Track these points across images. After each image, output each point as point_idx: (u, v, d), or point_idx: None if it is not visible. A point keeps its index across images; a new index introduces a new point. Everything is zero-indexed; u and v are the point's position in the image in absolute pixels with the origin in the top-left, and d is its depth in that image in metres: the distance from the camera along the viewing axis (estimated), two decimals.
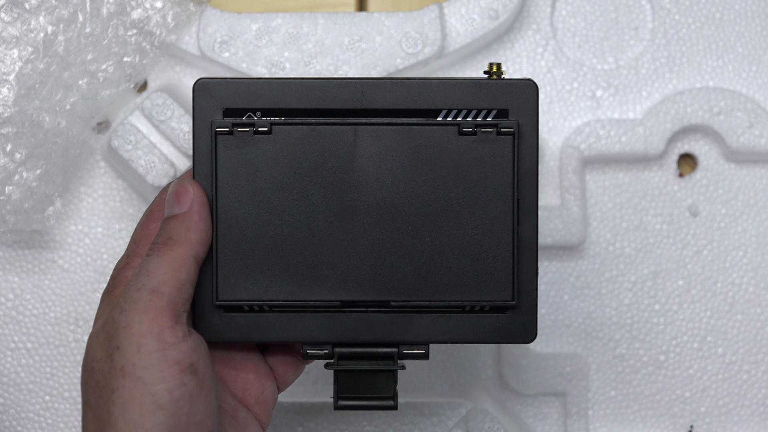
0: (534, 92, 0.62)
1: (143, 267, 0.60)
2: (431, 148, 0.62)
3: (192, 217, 0.61)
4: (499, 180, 0.62)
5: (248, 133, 0.62)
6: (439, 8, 0.81)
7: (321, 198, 0.62)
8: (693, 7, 0.84)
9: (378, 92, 0.62)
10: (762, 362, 0.83)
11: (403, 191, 0.62)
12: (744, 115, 0.82)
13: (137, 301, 0.58)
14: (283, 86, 0.62)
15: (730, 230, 0.83)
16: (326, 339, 0.62)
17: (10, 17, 0.79)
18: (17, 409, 0.82)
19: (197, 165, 0.62)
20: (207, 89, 0.62)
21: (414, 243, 0.62)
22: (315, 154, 0.62)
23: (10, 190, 0.79)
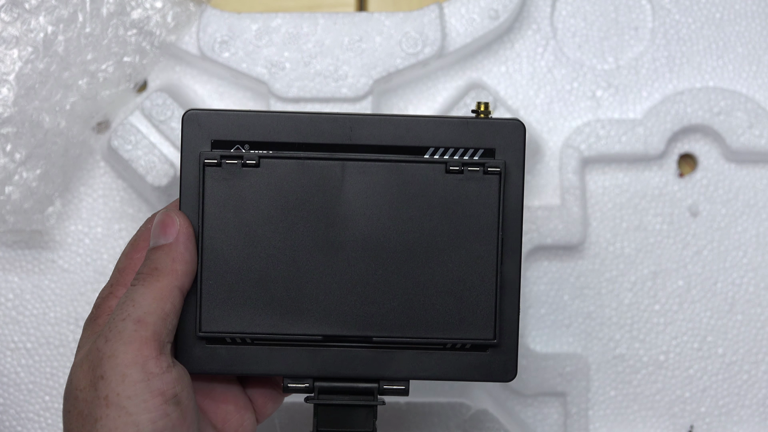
0: (521, 132, 0.62)
1: (128, 297, 0.60)
2: (418, 185, 0.62)
3: (178, 248, 0.61)
4: (484, 219, 0.62)
5: (236, 166, 0.62)
6: (439, 8, 0.81)
7: (307, 232, 0.62)
8: (693, 7, 0.84)
9: (366, 128, 0.62)
10: (762, 362, 0.83)
11: (388, 227, 0.62)
12: (744, 115, 0.82)
13: (122, 331, 0.59)
14: (272, 120, 0.62)
15: (730, 230, 0.83)
16: (307, 373, 0.62)
17: (10, 17, 0.79)
18: (17, 409, 0.82)
19: (184, 196, 0.62)
20: (196, 120, 0.62)
21: (398, 279, 0.62)
22: (302, 188, 0.62)
23: (10, 190, 0.79)
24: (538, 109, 0.83)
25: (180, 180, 0.62)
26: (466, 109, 0.80)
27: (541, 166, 0.83)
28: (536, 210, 0.81)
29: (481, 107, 0.63)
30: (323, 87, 0.80)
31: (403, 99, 0.83)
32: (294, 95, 0.80)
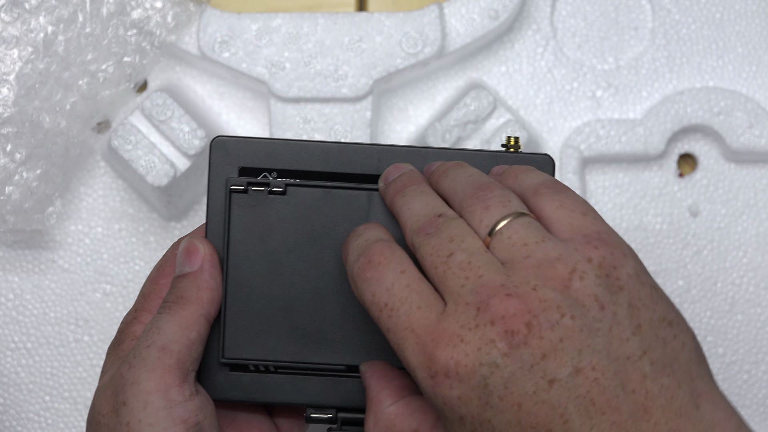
0: (551, 167, 0.62)
1: (154, 324, 0.60)
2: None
3: (203, 276, 0.61)
4: None
5: (263, 193, 0.62)
6: (439, 8, 0.81)
7: (332, 261, 0.62)
8: (693, 7, 0.84)
9: (394, 159, 0.62)
10: (762, 362, 0.83)
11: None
12: (744, 115, 0.82)
13: (146, 358, 0.59)
14: (300, 148, 0.62)
15: (730, 230, 0.83)
16: (330, 403, 0.62)
17: (10, 17, 0.79)
18: (17, 409, 0.82)
19: (210, 222, 0.62)
20: (224, 147, 0.62)
21: None
22: (328, 217, 0.62)
23: (10, 190, 0.79)
24: (538, 109, 0.83)
25: (207, 206, 0.62)
26: (466, 109, 0.80)
27: None
28: None
29: (511, 141, 0.63)
30: (323, 87, 0.80)
31: (403, 99, 0.83)
32: (294, 95, 0.80)
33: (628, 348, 0.53)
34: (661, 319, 0.54)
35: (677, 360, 0.53)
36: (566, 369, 0.52)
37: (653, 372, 0.53)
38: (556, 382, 0.52)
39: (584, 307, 0.52)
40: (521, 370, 0.52)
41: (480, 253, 0.54)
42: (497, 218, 0.55)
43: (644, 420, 0.52)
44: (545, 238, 0.54)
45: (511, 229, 0.55)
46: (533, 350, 0.52)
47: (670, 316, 0.55)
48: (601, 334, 0.52)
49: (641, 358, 0.53)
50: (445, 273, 0.54)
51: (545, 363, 0.52)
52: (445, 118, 0.80)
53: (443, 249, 0.55)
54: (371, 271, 0.56)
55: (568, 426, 0.51)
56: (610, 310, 0.53)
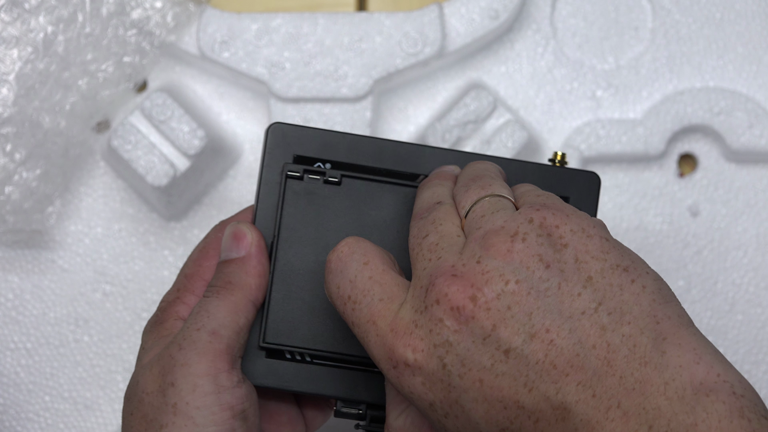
0: (596, 184, 0.63)
1: (203, 308, 0.60)
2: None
3: (251, 262, 0.61)
4: None
5: (318, 181, 0.62)
6: (439, 8, 0.81)
7: None
8: (693, 7, 0.84)
9: (446, 161, 0.63)
10: (762, 362, 0.83)
11: None
12: (744, 115, 0.82)
13: (197, 341, 0.58)
14: (355, 142, 0.63)
15: (730, 230, 0.83)
16: (362, 398, 0.62)
17: (10, 17, 0.79)
18: (17, 410, 0.82)
19: (260, 206, 0.62)
20: (281, 133, 0.63)
21: None
22: (381, 210, 0.62)
23: (10, 190, 0.79)
24: (538, 109, 0.83)
25: (258, 189, 0.63)
26: (466, 109, 0.80)
27: None
28: None
29: (557, 156, 0.64)
30: (323, 87, 0.80)
31: (403, 99, 0.83)
32: (294, 95, 0.80)
33: (580, 302, 0.51)
34: (614, 267, 0.52)
35: (639, 304, 0.52)
36: (519, 336, 0.51)
37: (611, 322, 0.51)
38: (512, 351, 0.51)
39: (529, 269, 0.52)
40: (474, 345, 0.51)
41: (450, 235, 0.54)
42: (474, 200, 0.55)
43: (609, 375, 0.50)
44: (499, 210, 0.54)
45: (478, 206, 0.55)
46: (482, 322, 0.51)
47: (625, 263, 0.53)
48: (550, 293, 0.51)
49: (596, 311, 0.51)
50: (417, 255, 0.54)
51: (497, 333, 0.51)
52: (445, 118, 0.80)
53: (422, 231, 0.55)
54: (336, 262, 0.56)
55: (533, 394, 0.51)
56: (556, 268, 0.52)
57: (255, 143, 0.83)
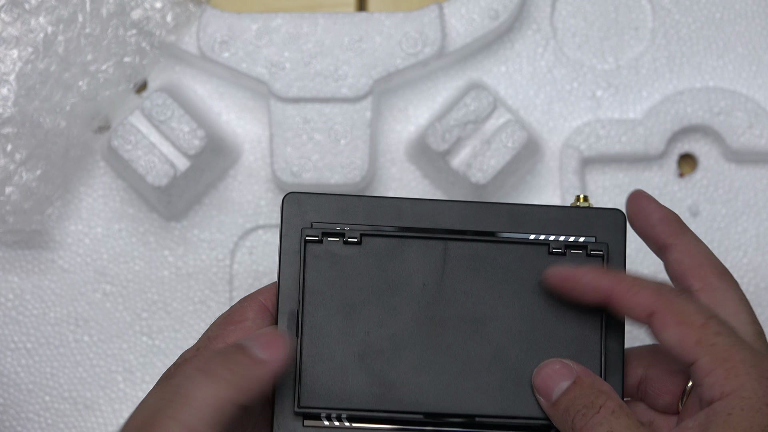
0: (622, 221, 0.63)
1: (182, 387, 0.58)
2: (521, 265, 0.62)
3: (274, 371, 0.59)
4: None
5: (338, 243, 0.62)
6: (439, 8, 0.81)
7: (408, 309, 0.62)
8: (693, 7, 0.84)
9: (466, 215, 0.62)
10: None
11: (491, 306, 0.62)
12: (744, 115, 0.82)
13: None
14: (372, 204, 0.63)
15: (730, 230, 0.83)
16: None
17: (10, 17, 0.79)
18: (17, 409, 0.82)
19: (283, 275, 0.62)
20: (297, 202, 0.63)
21: (500, 358, 0.61)
22: (404, 265, 0.62)
23: (10, 191, 0.79)
24: (538, 109, 0.83)
25: (279, 257, 0.62)
26: (466, 109, 0.80)
27: (541, 166, 0.83)
28: None
29: (580, 199, 0.63)
30: (323, 87, 0.80)
31: (403, 99, 0.83)
32: (294, 95, 0.80)
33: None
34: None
35: None
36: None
37: None
38: None
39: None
40: None
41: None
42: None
43: None
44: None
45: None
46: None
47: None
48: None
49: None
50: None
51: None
52: (445, 118, 0.80)
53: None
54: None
55: None
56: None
57: (255, 143, 0.83)
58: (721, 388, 0.57)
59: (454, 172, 0.80)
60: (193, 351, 0.62)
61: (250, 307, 0.63)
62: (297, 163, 0.80)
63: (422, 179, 0.83)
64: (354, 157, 0.80)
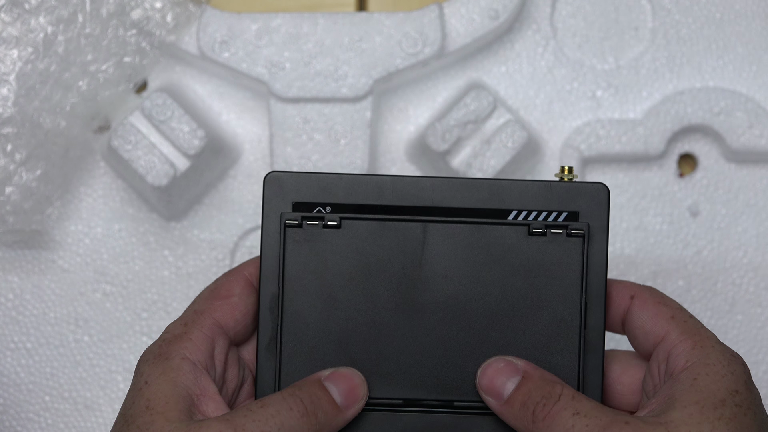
0: (605, 196, 0.63)
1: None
2: (500, 247, 0.62)
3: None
4: (567, 281, 0.62)
5: (317, 227, 0.62)
6: (439, 8, 0.81)
7: (387, 294, 0.62)
8: (693, 7, 0.84)
9: (448, 191, 0.62)
10: (762, 362, 0.83)
11: (470, 289, 0.62)
12: (744, 115, 0.82)
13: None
14: (353, 182, 0.63)
15: (730, 230, 0.83)
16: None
17: (10, 17, 0.79)
18: (17, 409, 0.82)
19: (265, 256, 0.62)
20: (278, 182, 0.63)
21: (480, 342, 0.62)
22: (383, 249, 0.62)
23: (10, 191, 0.79)
24: (538, 109, 0.83)
25: (261, 241, 0.63)
26: (466, 109, 0.80)
27: (541, 166, 0.83)
28: None
29: (565, 170, 0.63)
30: (323, 87, 0.80)
31: (403, 99, 0.83)
32: (294, 95, 0.80)
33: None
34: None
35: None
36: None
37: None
38: None
39: None
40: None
41: None
42: None
43: None
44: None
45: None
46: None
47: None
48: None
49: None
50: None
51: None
52: (445, 118, 0.80)
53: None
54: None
55: None
56: None
57: (255, 143, 0.83)
58: (686, 357, 0.59)
59: (454, 172, 0.80)
60: (181, 327, 0.62)
61: (236, 281, 0.63)
62: (297, 163, 0.80)
63: None
64: (354, 157, 0.80)
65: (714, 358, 0.59)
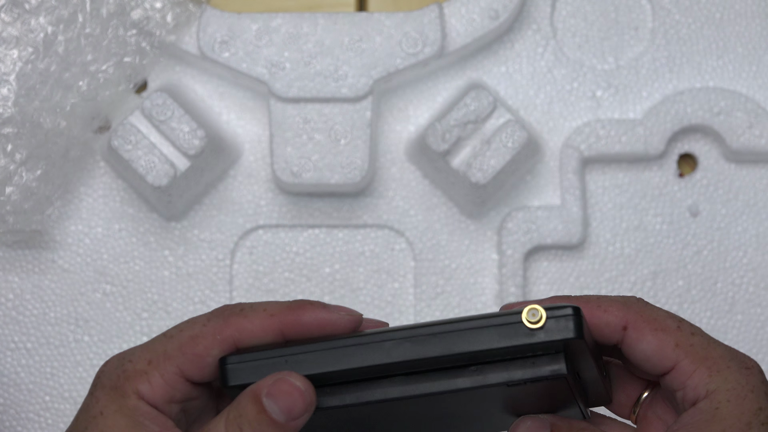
0: (575, 325, 0.56)
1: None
2: (480, 401, 0.59)
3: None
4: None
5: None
6: (439, 8, 0.81)
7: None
8: (693, 7, 0.84)
9: (408, 347, 0.57)
10: (762, 362, 0.83)
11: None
12: (744, 115, 0.82)
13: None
14: (309, 354, 0.57)
15: (730, 230, 0.83)
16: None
17: (10, 17, 0.79)
18: (17, 409, 0.82)
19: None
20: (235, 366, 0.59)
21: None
22: (360, 421, 0.59)
23: (10, 191, 0.79)
24: (538, 109, 0.83)
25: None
26: (466, 109, 0.80)
27: (541, 166, 0.83)
28: (536, 210, 0.81)
29: (525, 315, 0.57)
30: (323, 87, 0.80)
31: (403, 99, 0.83)
32: (294, 95, 0.80)
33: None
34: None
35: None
36: None
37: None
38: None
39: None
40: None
41: None
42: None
43: None
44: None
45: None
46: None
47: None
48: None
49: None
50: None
51: None
52: (445, 118, 0.80)
53: None
54: None
55: None
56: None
57: (255, 143, 0.83)
58: (706, 387, 0.57)
59: (454, 172, 0.80)
60: (144, 363, 0.59)
61: (219, 343, 0.59)
62: (297, 163, 0.80)
63: (422, 179, 0.83)
64: (354, 157, 0.80)
65: (732, 380, 0.57)
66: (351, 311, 0.59)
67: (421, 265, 0.83)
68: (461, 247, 0.83)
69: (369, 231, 0.83)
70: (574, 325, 0.55)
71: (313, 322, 0.58)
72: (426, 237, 0.83)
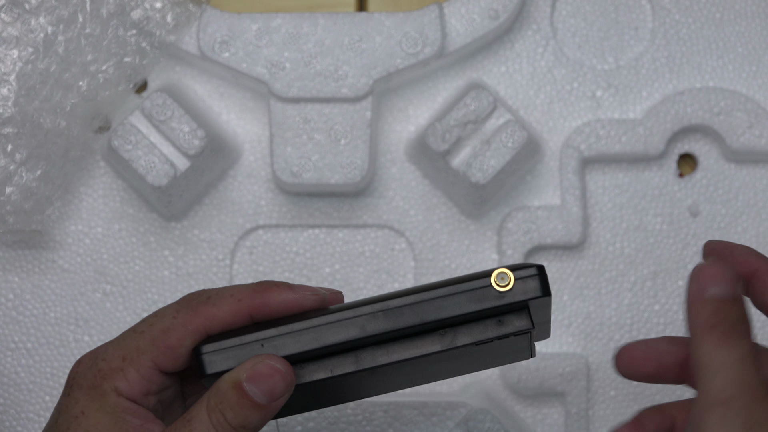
0: (539, 285, 0.59)
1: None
2: (449, 362, 0.61)
3: (269, 414, 0.58)
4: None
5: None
6: (439, 8, 0.81)
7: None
8: (693, 7, 0.84)
9: (382, 320, 0.59)
10: None
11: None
12: (744, 115, 0.82)
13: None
14: (285, 337, 0.59)
15: (730, 230, 0.83)
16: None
17: (10, 17, 0.79)
18: (17, 409, 0.82)
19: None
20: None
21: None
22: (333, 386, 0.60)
23: (10, 191, 0.79)
24: (538, 109, 0.83)
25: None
26: (466, 109, 0.80)
27: (541, 166, 0.83)
28: (536, 210, 0.81)
29: (495, 277, 0.59)
30: (323, 87, 0.80)
31: (403, 99, 0.83)
32: (294, 95, 0.80)
33: None
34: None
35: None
36: None
37: None
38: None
39: None
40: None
41: None
42: None
43: None
44: None
45: None
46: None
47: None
48: None
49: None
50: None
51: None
52: (445, 118, 0.80)
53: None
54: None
55: None
56: None
57: (255, 143, 0.83)
58: None
59: (454, 172, 0.80)
60: (118, 360, 0.60)
61: (191, 334, 0.60)
62: (297, 163, 0.80)
63: (422, 179, 0.83)
64: (354, 157, 0.80)
65: None
66: (316, 290, 0.60)
67: (421, 265, 0.83)
68: (461, 247, 0.83)
69: (369, 231, 0.83)
70: (540, 284, 0.58)
71: (281, 304, 0.59)
72: (426, 237, 0.83)
